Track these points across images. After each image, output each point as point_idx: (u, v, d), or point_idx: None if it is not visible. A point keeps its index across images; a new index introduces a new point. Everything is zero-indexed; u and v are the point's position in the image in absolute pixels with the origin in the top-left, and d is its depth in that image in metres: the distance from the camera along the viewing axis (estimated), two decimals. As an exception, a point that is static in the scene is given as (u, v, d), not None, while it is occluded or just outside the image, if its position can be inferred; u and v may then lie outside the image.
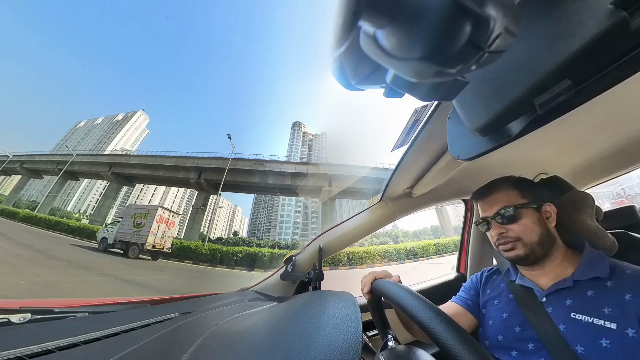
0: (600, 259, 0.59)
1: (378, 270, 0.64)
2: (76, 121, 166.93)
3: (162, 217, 12.28)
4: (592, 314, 0.52)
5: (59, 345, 0.41)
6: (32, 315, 0.55)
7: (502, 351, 0.63)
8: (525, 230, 0.62)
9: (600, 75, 0.23)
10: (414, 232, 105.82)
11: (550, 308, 0.59)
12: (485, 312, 0.73)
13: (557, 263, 0.63)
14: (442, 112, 0.59)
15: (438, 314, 0.37)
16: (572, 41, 0.21)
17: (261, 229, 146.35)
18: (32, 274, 5.00)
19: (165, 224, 12.45)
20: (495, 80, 0.27)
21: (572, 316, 0.54)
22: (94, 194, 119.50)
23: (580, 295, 0.56)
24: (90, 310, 0.67)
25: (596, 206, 0.74)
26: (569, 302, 0.56)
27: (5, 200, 34.80)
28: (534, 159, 0.94)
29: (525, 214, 0.63)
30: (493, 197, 0.69)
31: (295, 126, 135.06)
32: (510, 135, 0.31)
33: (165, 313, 0.67)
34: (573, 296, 0.57)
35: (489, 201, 0.69)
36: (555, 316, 0.57)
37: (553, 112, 0.26)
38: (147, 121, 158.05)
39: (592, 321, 0.51)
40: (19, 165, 35.84)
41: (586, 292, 0.56)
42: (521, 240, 0.62)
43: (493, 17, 0.15)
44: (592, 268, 0.58)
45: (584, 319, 0.53)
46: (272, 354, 0.34)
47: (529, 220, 0.63)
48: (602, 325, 0.50)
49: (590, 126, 0.76)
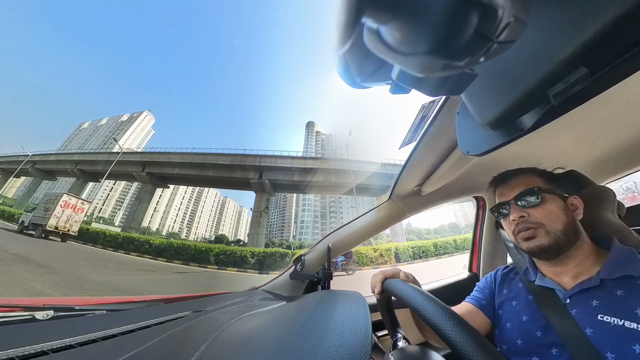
0: (630, 256, 0.54)
1: (388, 269, 0.61)
2: (80, 122, 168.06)
3: (67, 202, 13.43)
4: (623, 316, 0.47)
5: (80, 341, 0.43)
6: (55, 313, 0.58)
7: (521, 356, 0.59)
8: (550, 216, 0.57)
9: (619, 62, 0.22)
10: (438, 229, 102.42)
11: (574, 310, 0.54)
12: (502, 313, 0.69)
13: (582, 259, 0.57)
14: (451, 107, 0.58)
15: (451, 316, 0.35)
16: (587, 27, 0.20)
17: (274, 229, 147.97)
18: None
19: (73, 209, 13.66)
20: (506, 72, 0.26)
21: (599, 318, 0.49)
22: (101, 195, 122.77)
23: (608, 295, 0.51)
24: (108, 308, 0.70)
25: (618, 201, 0.70)
26: (596, 303, 0.51)
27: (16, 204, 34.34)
28: (549, 152, 0.91)
29: (549, 199, 0.58)
30: (515, 180, 0.64)
31: (309, 126, 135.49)
32: (523, 129, 0.29)
33: (177, 311, 0.69)
34: (600, 296, 0.52)
35: (509, 185, 0.64)
36: (580, 319, 0.52)
37: (569, 103, 0.25)
38: (153, 122, 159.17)
39: (622, 324, 0.46)
40: (30, 165, 33.57)
41: (615, 292, 0.50)
42: (544, 228, 0.57)
43: (501, 5, 0.14)
44: (621, 265, 0.52)
45: (613, 321, 0.48)
46: (281, 354, 0.34)
47: (554, 206, 0.58)
48: (635, 328, 0.45)
49: (608, 117, 0.73)
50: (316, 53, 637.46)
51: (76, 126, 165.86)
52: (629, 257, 0.53)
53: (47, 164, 33.11)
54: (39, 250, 8.58)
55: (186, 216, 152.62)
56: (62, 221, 13.04)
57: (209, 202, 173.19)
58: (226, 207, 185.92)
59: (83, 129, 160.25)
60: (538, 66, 0.23)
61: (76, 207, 13.89)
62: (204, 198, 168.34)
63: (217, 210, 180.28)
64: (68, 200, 13.55)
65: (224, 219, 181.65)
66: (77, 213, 13.93)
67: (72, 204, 13.74)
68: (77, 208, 13.93)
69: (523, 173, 0.65)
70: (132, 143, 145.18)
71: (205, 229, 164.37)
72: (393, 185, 1.01)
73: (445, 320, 0.35)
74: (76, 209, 13.87)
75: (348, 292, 0.63)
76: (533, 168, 0.67)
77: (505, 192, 0.65)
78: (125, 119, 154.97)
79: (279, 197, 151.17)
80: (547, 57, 0.23)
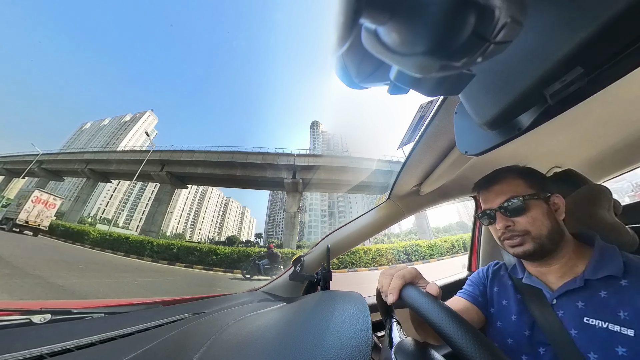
0: (612, 254, 0.55)
1: (405, 271, 0.47)
2: (82, 123, 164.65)
3: (39, 198, 13.99)
4: (607, 319, 0.49)
5: (77, 344, 0.43)
6: (52, 316, 0.58)
7: (512, 355, 0.60)
8: (534, 223, 0.58)
9: (614, 62, 0.22)
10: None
11: (561, 311, 0.55)
12: (493, 311, 0.70)
13: (566, 259, 0.59)
14: (449, 107, 0.58)
15: (481, 342, 0.31)
16: (583, 27, 0.20)
17: (279, 230, 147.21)
18: None
19: (44, 205, 14.18)
20: (503, 72, 0.27)
21: (585, 321, 0.51)
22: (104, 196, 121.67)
23: (592, 296, 0.53)
24: (106, 311, 0.70)
25: (614, 200, 0.71)
26: (581, 304, 0.53)
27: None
28: (547, 152, 0.91)
29: (533, 205, 0.59)
30: (498, 187, 0.64)
31: (313, 126, 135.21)
32: (520, 129, 0.30)
33: (176, 314, 0.69)
34: (585, 298, 0.53)
35: (493, 191, 0.64)
36: (566, 320, 0.54)
37: (565, 103, 0.25)
38: (156, 122, 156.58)
39: (607, 327, 0.48)
40: (37, 165, 30.51)
41: (599, 293, 0.52)
42: (530, 235, 0.58)
43: (498, 6, 0.14)
44: (603, 265, 0.54)
45: (598, 324, 0.49)
46: (281, 356, 0.34)
47: (537, 213, 0.58)
48: (618, 331, 0.47)
49: (604, 116, 0.73)
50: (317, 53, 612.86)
51: (78, 126, 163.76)
52: (611, 257, 0.55)
53: (54, 163, 30.76)
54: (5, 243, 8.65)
55: (190, 217, 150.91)
56: (32, 216, 13.47)
57: (212, 203, 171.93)
58: (229, 207, 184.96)
59: (85, 129, 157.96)
60: (534, 66, 0.24)
61: (47, 202, 14.40)
62: (207, 198, 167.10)
63: (221, 210, 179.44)
64: (39, 196, 14.06)
65: (227, 219, 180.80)
66: (49, 208, 14.39)
67: (44, 199, 14.27)
68: (48, 204, 14.44)
69: (505, 177, 0.65)
70: (135, 143, 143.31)
71: (209, 229, 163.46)
72: (392, 186, 1.02)
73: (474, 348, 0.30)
74: (47, 205, 14.36)
75: (347, 292, 0.63)
76: (513, 168, 0.66)
77: (489, 198, 0.65)
78: (128, 119, 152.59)
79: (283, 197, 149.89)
80: (543, 57, 0.23)
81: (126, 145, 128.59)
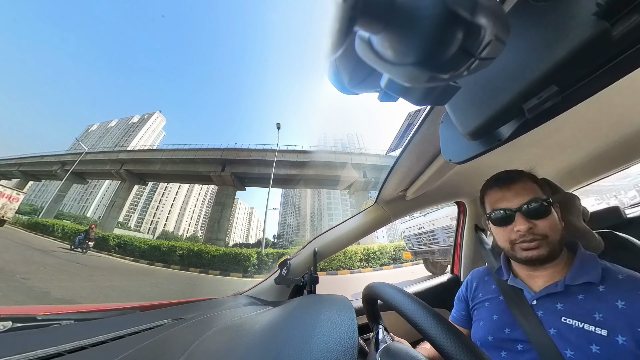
0: (592, 263, 0.58)
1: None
2: (88, 124, 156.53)
3: (2, 193, 15.38)
4: (583, 319, 0.52)
5: (42, 355, 0.39)
6: (13, 324, 0.53)
7: (492, 351, 0.64)
8: (553, 228, 0.58)
9: (585, 82, 0.24)
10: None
11: (540, 312, 0.59)
12: (476, 314, 0.74)
13: (558, 264, 0.61)
14: (435, 117, 0.60)
15: (440, 321, 0.34)
16: (558, 49, 0.22)
17: (290, 230, 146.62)
18: None
19: (8, 199, 15.68)
20: (486, 86, 0.28)
21: (562, 321, 0.54)
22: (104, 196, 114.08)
23: (571, 299, 0.56)
24: (75, 318, 0.65)
25: (583, 207, 0.76)
26: (560, 306, 0.56)
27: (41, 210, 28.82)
28: (523, 161, 0.97)
29: (552, 210, 0.59)
30: (520, 186, 0.61)
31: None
32: (500, 139, 0.31)
33: (155, 319, 0.65)
34: (564, 300, 0.56)
35: (514, 190, 0.61)
36: (545, 320, 0.57)
37: (541, 117, 0.27)
38: (164, 123, 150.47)
39: (582, 326, 0.51)
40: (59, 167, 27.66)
41: (577, 296, 0.55)
42: (547, 239, 0.57)
43: (484, 25, 0.15)
44: (584, 272, 0.57)
45: (574, 324, 0.53)
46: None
47: (555, 218, 0.59)
48: (593, 331, 0.50)
49: (576, 130, 0.79)
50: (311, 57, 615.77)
51: (84, 128, 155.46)
52: (590, 264, 0.58)
53: (81, 164, 27.25)
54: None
55: (200, 218, 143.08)
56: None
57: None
58: (237, 208, 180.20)
59: (91, 131, 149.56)
60: (515, 82, 0.25)
61: (11, 197, 16.00)
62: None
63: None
64: (3, 191, 15.42)
65: (235, 220, 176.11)
66: (12, 202, 15.90)
67: (7, 194, 15.71)
68: (12, 198, 16.01)
69: (521, 178, 0.63)
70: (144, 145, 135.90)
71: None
72: (379, 190, 1.03)
73: (434, 327, 0.34)
74: (11, 199, 15.91)
75: (334, 296, 0.62)
76: (524, 172, 0.65)
77: (506, 196, 0.62)
78: (136, 121, 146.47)
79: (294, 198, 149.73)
80: (522, 75, 0.25)
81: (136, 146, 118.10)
